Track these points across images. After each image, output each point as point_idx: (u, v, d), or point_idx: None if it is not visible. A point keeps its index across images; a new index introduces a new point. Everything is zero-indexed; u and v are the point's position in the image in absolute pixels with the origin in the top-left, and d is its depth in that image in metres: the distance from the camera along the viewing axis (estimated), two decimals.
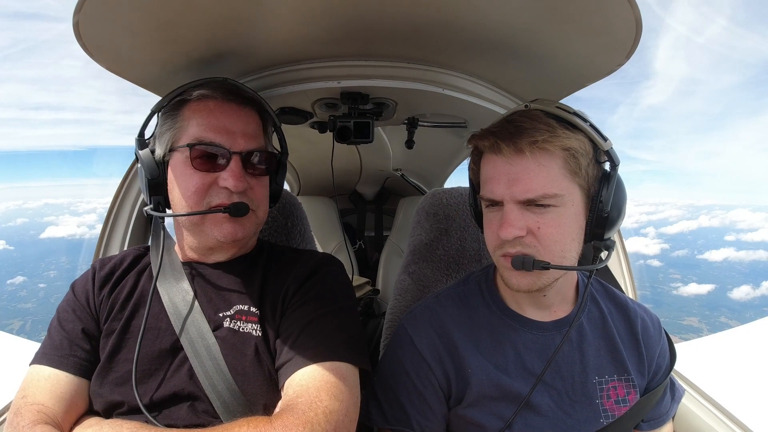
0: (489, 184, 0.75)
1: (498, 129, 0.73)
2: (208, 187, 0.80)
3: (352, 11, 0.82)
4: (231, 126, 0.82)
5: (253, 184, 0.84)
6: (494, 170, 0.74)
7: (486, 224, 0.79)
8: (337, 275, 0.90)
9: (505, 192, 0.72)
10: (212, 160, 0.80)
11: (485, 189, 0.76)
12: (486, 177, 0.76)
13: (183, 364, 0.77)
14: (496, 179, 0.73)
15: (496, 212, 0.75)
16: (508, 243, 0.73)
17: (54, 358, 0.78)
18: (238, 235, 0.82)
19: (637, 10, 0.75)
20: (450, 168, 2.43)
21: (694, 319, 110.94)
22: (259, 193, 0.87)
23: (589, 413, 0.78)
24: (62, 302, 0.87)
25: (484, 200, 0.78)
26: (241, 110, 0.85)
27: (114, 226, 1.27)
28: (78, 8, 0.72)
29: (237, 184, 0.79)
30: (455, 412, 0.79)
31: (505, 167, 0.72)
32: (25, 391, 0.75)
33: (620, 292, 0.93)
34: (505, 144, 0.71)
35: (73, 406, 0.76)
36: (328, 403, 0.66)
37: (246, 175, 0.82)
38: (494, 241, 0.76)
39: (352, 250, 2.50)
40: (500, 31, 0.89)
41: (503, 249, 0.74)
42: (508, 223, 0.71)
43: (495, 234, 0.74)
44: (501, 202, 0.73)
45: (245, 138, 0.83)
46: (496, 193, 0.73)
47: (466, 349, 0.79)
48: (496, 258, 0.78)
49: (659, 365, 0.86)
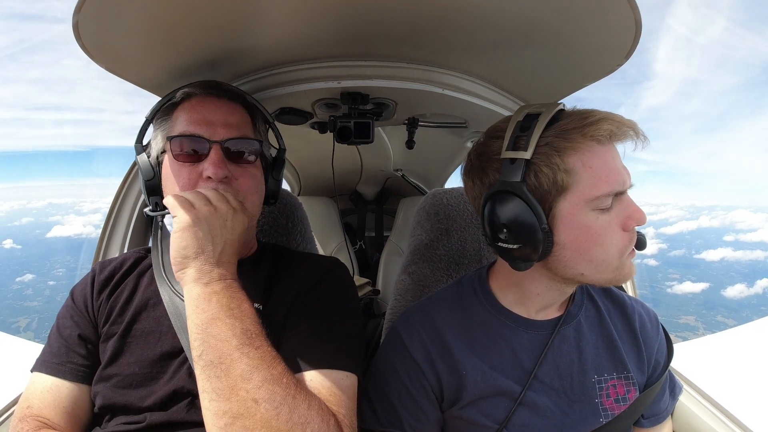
0: (615, 175, 0.68)
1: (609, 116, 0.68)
2: (196, 181, 0.80)
3: (352, 11, 0.82)
4: (211, 117, 0.82)
5: (237, 174, 0.82)
6: (614, 159, 0.69)
7: (605, 229, 0.68)
8: (346, 280, 0.91)
9: (628, 179, 0.69)
10: (195, 153, 0.81)
11: (610, 182, 0.67)
12: (606, 169, 0.67)
13: (183, 364, 0.77)
14: (618, 168, 0.68)
15: (610, 210, 0.68)
16: (635, 232, 0.70)
17: (52, 365, 0.79)
18: None
19: (637, 10, 0.75)
20: (450, 168, 2.43)
21: (690, 318, 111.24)
22: (245, 183, 0.83)
23: (588, 412, 0.78)
24: (62, 308, 0.87)
25: (604, 198, 0.67)
26: (222, 102, 0.85)
27: (114, 227, 1.28)
28: (78, 8, 0.72)
29: (216, 171, 0.78)
30: (451, 413, 0.78)
31: (617, 155, 0.70)
32: (29, 401, 0.76)
33: (617, 289, 0.93)
34: (626, 130, 0.67)
35: (77, 419, 0.78)
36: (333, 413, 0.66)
37: (229, 164, 0.81)
38: (623, 240, 0.69)
39: (353, 250, 2.50)
40: (501, 32, 0.89)
41: (633, 243, 0.70)
42: (639, 207, 0.68)
43: (622, 233, 0.69)
44: (624, 191, 0.69)
45: (226, 128, 0.82)
46: (626, 181, 0.69)
47: (461, 350, 0.79)
48: (622, 260, 0.70)
49: (657, 361, 0.86)
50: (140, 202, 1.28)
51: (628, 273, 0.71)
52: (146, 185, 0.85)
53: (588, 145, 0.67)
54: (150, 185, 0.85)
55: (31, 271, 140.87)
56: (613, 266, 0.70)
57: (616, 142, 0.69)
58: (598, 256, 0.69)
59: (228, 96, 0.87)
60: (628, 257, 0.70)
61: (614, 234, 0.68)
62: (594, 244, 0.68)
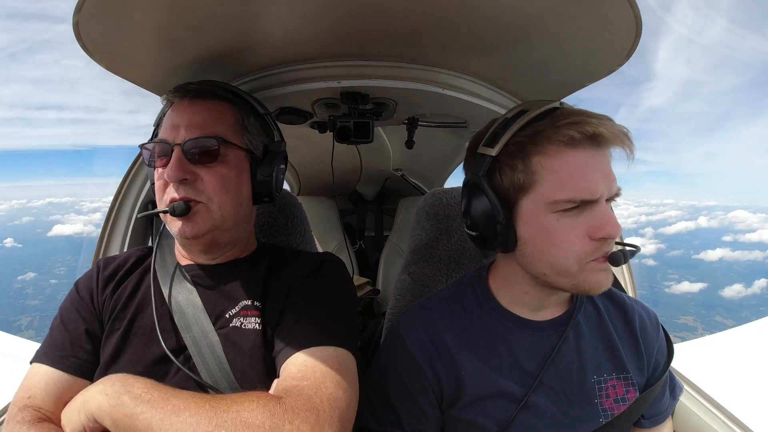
0: (582, 181, 0.66)
1: (594, 118, 0.66)
2: (165, 185, 0.82)
3: (352, 11, 0.82)
4: (178, 121, 0.83)
5: (202, 174, 0.80)
6: (587, 165, 0.66)
7: (563, 232, 0.68)
8: (340, 273, 0.90)
9: (603, 188, 0.66)
10: (158, 159, 0.82)
11: (573, 188, 0.66)
12: (573, 174, 0.67)
13: (185, 364, 0.77)
14: (592, 175, 0.66)
15: (577, 216, 0.68)
16: (605, 244, 0.68)
17: (55, 357, 0.78)
18: (187, 233, 0.80)
19: (637, 9, 0.75)
20: (450, 168, 2.43)
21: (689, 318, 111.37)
22: (210, 183, 0.80)
23: (587, 413, 0.78)
24: (65, 301, 0.87)
25: (566, 203, 0.67)
26: (193, 104, 0.84)
27: (114, 226, 1.28)
28: (78, 8, 0.72)
29: (171, 174, 0.78)
30: (451, 413, 0.78)
31: (598, 160, 0.67)
32: (30, 391, 0.76)
33: (618, 290, 0.93)
34: (613, 136, 0.66)
35: None
36: (332, 391, 0.66)
37: (193, 165, 0.80)
38: (583, 247, 0.68)
39: (353, 250, 2.50)
40: (501, 31, 0.89)
41: (600, 251, 0.68)
42: (614, 220, 0.66)
43: (584, 240, 0.68)
44: (595, 200, 0.67)
45: (189, 129, 0.81)
46: (595, 191, 0.66)
47: (460, 351, 0.79)
48: (581, 266, 0.69)
49: (657, 362, 0.86)
50: (140, 201, 1.28)
51: (595, 283, 0.70)
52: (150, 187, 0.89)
53: (555, 149, 0.67)
54: (151, 187, 0.89)
55: (33, 270, 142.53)
56: (572, 272, 0.69)
57: (597, 147, 0.67)
58: (556, 258, 0.70)
59: (194, 95, 0.85)
60: (594, 267, 0.69)
61: (575, 240, 0.68)
62: (551, 246, 0.69)
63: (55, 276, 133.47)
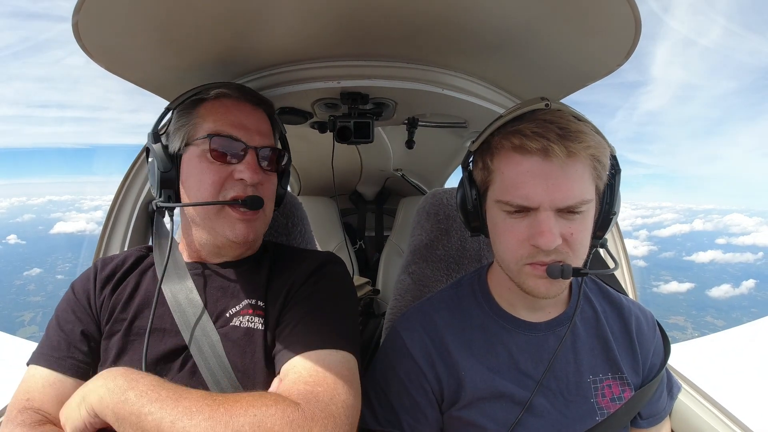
0: (521, 188, 0.68)
1: (540, 128, 0.66)
2: (224, 180, 0.82)
3: (352, 11, 0.82)
4: (247, 123, 0.84)
5: (263, 180, 0.86)
6: (529, 173, 0.67)
7: (505, 231, 0.72)
8: (341, 273, 0.91)
9: (544, 198, 0.66)
10: (228, 153, 0.82)
11: (512, 193, 0.69)
12: (514, 180, 0.69)
13: (186, 362, 0.77)
14: (531, 183, 0.67)
15: (521, 219, 0.70)
16: (541, 252, 0.68)
17: (52, 359, 0.78)
18: (249, 237, 0.83)
19: (636, 9, 0.75)
20: (450, 168, 2.43)
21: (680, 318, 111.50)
22: (269, 189, 0.88)
23: (584, 412, 0.78)
24: (61, 302, 0.86)
25: (506, 205, 0.70)
26: (255, 110, 0.88)
27: (115, 224, 1.27)
28: (78, 8, 0.72)
29: (253, 176, 0.81)
30: (450, 414, 0.79)
31: (544, 170, 0.66)
32: (29, 394, 0.76)
33: (615, 291, 0.92)
34: (557, 146, 0.65)
35: None
36: (345, 398, 0.66)
37: (260, 171, 0.84)
38: (520, 250, 0.70)
39: (353, 250, 2.50)
40: (500, 31, 0.89)
41: (534, 258, 0.69)
42: (548, 231, 0.66)
43: (521, 243, 0.69)
44: (535, 208, 0.68)
45: (260, 135, 0.85)
46: (532, 199, 0.67)
47: (459, 351, 0.79)
48: (518, 267, 0.72)
49: (654, 363, 0.86)
50: (141, 199, 1.28)
51: (531, 288, 0.72)
52: (161, 176, 0.83)
53: (505, 153, 0.71)
54: (165, 177, 0.83)
55: (38, 266, 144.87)
56: (512, 270, 0.74)
57: (545, 157, 0.66)
58: (502, 254, 0.76)
59: (259, 104, 0.89)
60: (529, 272, 0.71)
61: (513, 240, 0.71)
62: (498, 242, 0.76)
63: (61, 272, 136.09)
